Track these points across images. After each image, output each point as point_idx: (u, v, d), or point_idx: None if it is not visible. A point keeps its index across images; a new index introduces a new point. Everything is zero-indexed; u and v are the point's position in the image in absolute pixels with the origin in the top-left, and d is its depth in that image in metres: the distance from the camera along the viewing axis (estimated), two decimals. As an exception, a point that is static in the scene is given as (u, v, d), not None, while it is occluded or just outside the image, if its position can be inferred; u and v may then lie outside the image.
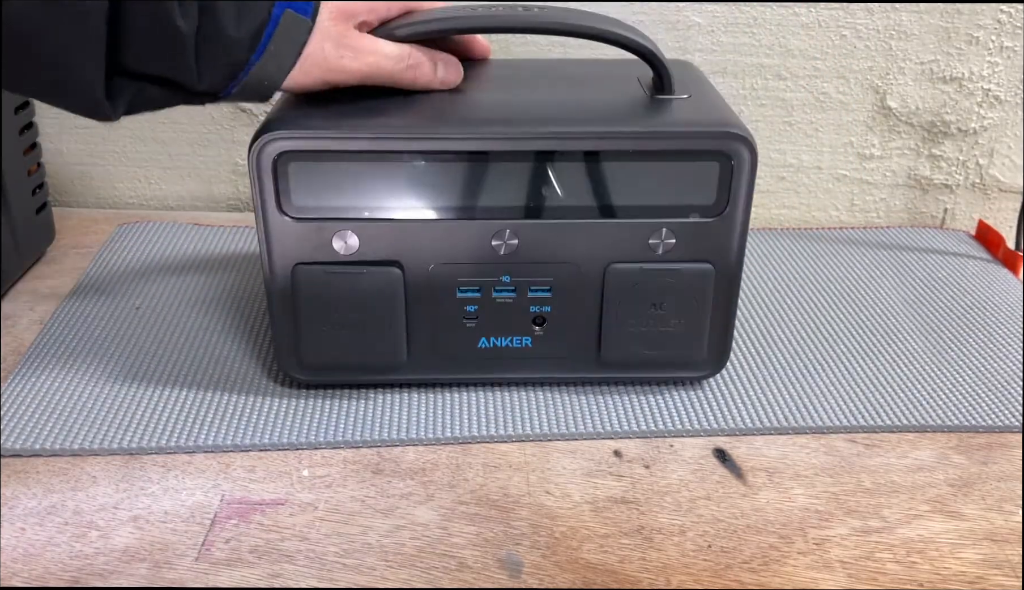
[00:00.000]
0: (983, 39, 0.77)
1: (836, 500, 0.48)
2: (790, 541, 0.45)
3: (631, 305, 0.52)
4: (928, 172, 0.83)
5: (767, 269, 0.72)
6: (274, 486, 0.48)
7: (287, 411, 0.54)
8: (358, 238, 0.50)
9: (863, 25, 0.77)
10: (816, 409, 0.55)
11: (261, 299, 0.66)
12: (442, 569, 0.43)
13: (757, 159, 0.50)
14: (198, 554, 0.44)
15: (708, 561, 0.44)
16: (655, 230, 0.51)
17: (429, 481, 0.49)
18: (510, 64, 0.62)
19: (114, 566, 0.43)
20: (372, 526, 0.46)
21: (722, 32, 0.77)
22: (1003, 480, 0.50)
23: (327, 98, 0.50)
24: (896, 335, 0.63)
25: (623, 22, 0.52)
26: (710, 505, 0.47)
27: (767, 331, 0.63)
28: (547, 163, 0.49)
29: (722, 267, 0.52)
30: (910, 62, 0.78)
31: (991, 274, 0.72)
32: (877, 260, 0.74)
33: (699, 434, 0.53)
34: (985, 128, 0.80)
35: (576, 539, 0.45)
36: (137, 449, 0.50)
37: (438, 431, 0.52)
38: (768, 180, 0.83)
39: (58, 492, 0.47)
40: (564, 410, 0.54)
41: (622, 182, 0.50)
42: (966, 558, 0.44)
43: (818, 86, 0.79)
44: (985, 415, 0.54)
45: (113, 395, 0.55)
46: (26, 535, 0.45)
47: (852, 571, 0.43)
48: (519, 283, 0.52)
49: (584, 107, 0.52)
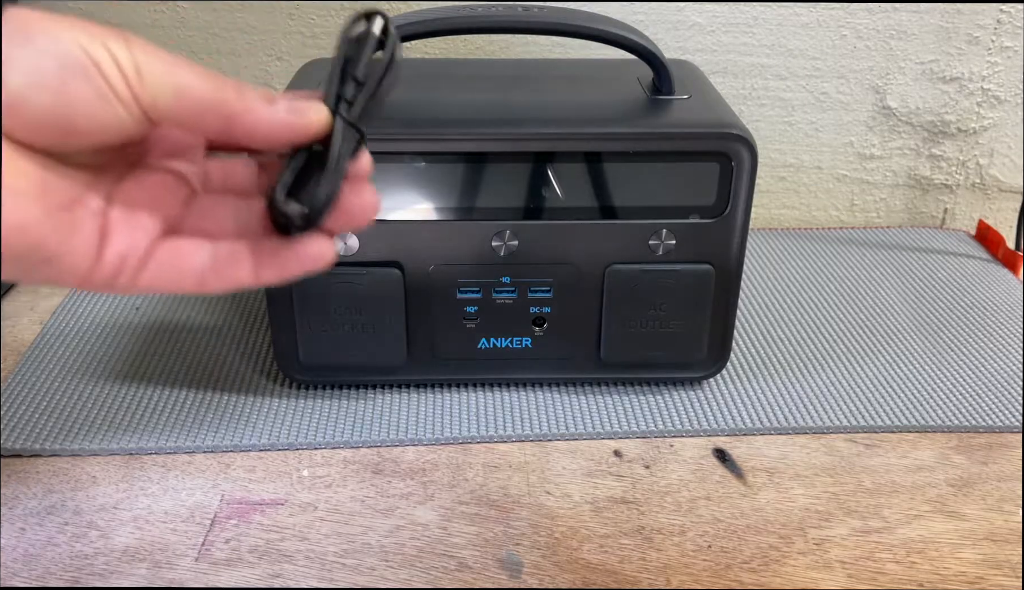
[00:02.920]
0: (983, 39, 0.77)
1: (836, 500, 0.48)
2: (790, 541, 0.45)
3: (631, 306, 0.52)
4: (928, 172, 0.82)
5: (767, 269, 0.72)
6: (274, 486, 0.48)
7: (287, 411, 0.54)
8: (358, 239, 0.50)
9: (863, 25, 0.77)
10: (816, 409, 0.55)
11: (261, 299, 0.66)
12: (442, 569, 0.43)
13: (757, 159, 0.50)
14: (198, 554, 0.44)
15: (708, 561, 0.44)
16: (655, 231, 0.51)
17: (429, 481, 0.49)
18: (510, 64, 0.62)
19: (114, 566, 0.43)
20: (372, 526, 0.46)
21: (722, 32, 0.77)
22: (1003, 480, 0.50)
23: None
24: (896, 335, 0.63)
25: (623, 22, 0.52)
26: (710, 505, 0.47)
27: (767, 331, 0.63)
28: (547, 164, 0.49)
29: (722, 267, 0.52)
30: (910, 62, 0.78)
31: (991, 274, 0.72)
32: (877, 260, 0.74)
33: (699, 434, 0.53)
34: (985, 128, 0.80)
35: (576, 539, 0.45)
36: (137, 449, 0.50)
37: (438, 431, 0.52)
38: (768, 180, 0.83)
39: (58, 492, 0.47)
40: (564, 410, 0.54)
41: (622, 183, 0.50)
42: (966, 558, 0.44)
43: (818, 86, 0.79)
44: (985, 415, 0.54)
45: (113, 395, 0.55)
46: (26, 535, 0.45)
47: (852, 571, 0.43)
48: (519, 284, 0.52)
49: (584, 107, 0.52)
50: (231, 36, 0.76)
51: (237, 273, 0.32)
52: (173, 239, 0.32)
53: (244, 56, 0.77)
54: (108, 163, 0.32)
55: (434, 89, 0.54)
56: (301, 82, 0.56)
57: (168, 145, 0.34)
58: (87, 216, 0.31)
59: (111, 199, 0.32)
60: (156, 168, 0.33)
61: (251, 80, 0.78)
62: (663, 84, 0.53)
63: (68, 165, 0.31)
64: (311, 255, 0.32)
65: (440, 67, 0.60)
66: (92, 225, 0.31)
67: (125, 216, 0.32)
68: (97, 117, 0.29)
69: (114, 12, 0.75)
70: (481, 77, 0.57)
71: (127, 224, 0.32)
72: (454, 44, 0.77)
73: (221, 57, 0.77)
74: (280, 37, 0.76)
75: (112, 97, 0.29)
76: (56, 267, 0.30)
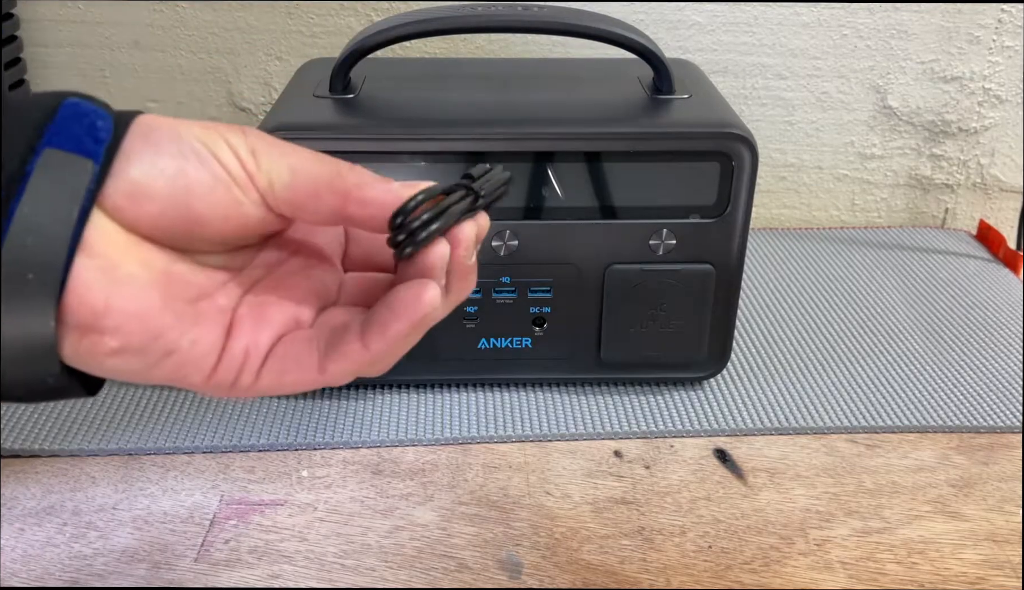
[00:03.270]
0: (984, 38, 0.77)
1: (837, 501, 0.48)
2: (791, 542, 0.45)
3: (631, 306, 0.52)
4: (929, 172, 0.82)
5: (768, 269, 0.72)
6: (273, 487, 0.48)
7: (286, 411, 0.54)
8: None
9: (864, 24, 0.76)
10: (817, 409, 0.55)
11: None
12: (442, 570, 0.43)
13: (758, 159, 0.49)
14: (197, 555, 0.44)
15: (709, 562, 0.44)
16: (655, 231, 0.51)
17: (429, 482, 0.49)
18: (510, 64, 0.62)
19: (113, 567, 0.43)
20: (371, 527, 0.45)
21: (723, 31, 0.77)
22: (1004, 481, 0.49)
23: (326, 98, 0.50)
24: (897, 335, 0.63)
25: (623, 22, 0.52)
26: (710, 506, 0.47)
27: (768, 331, 0.63)
28: (547, 163, 0.49)
29: (722, 268, 0.52)
30: (911, 61, 0.78)
31: (992, 274, 0.72)
32: (878, 260, 0.74)
33: (700, 434, 0.53)
34: (986, 127, 0.80)
35: (576, 540, 0.45)
36: (136, 449, 0.50)
37: (438, 431, 0.52)
38: (769, 180, 0.83)
39: (57, 492, 0.47)
40: (564, 410, 0.54)
41: (622, 182, 0.50)
42: (967, 559, 0.44)
43: (819, 85, 0.79)
44: (986, 415, 0.54)
45: (113, 395, 0.55)
46: (25, 535, 0.45)
47: (853, 572, 0.43)
48: (519, 284, 0.52)
49: (584, 107, 0.52)
50: (230, 35, 0.76)
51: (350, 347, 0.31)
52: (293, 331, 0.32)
53: (243, 55, 0.77)
54: (244, 265, 0.33)
55: (434, 89, 0.54)
56: (300, 82, 0.55)
57: (307, 253, 0.35)
58: (213, 311, 0.31)
59: (242, 298, 0.33)
60: (293, 273, 0.34)
61: (250, 80, 0.78)
62: (663, 84, 0.53)
63: (201, 264, 0.32)
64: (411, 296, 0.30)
65: (440, 66, 0.60)
66: (217, 320, 0.31)
67: (253, 314, 0.32)
68: (215, 202, 0.30)
69: (114, 12, 0.75)
70: (481, 76, 0.57)
71: (254, 321, 0.32)
72: (454, 43, 0.77)
73: (220, 57, 0.77)
74: (279, 36, 0.76)
75: (229, 180, 0.30)
76: (178, 360, 0.30)
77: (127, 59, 0.77)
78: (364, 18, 0.76)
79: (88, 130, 0.28)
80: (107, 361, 0.29)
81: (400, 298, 0.30)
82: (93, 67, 0.78)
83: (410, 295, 0.30)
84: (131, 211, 0.29)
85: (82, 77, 0.78)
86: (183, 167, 0.29)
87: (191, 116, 0.81)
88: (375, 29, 0.51)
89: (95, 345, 0.28)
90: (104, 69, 0.78)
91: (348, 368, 0.31)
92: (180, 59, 0.77)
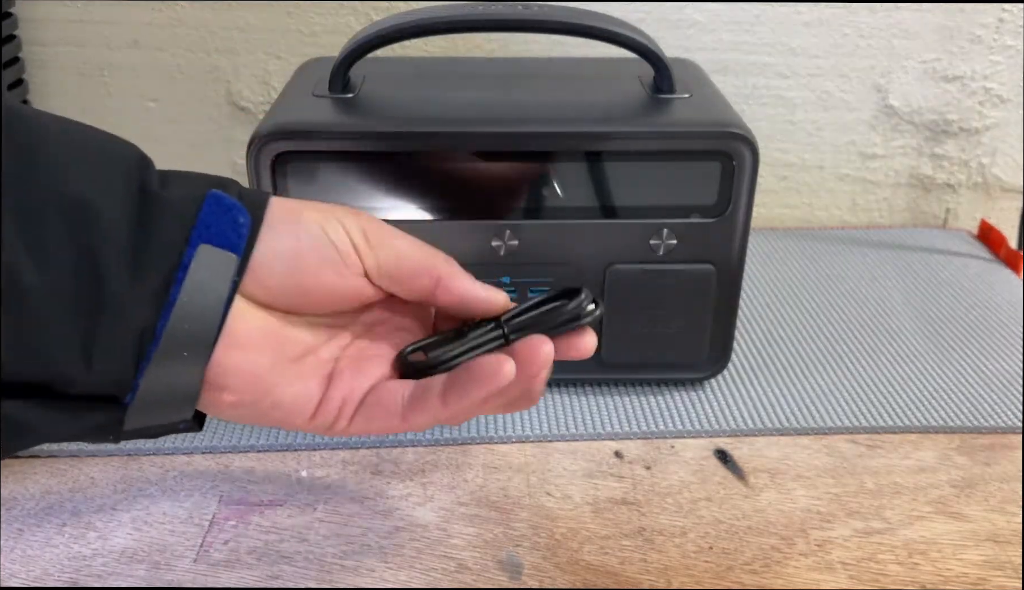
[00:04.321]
0: (985, 38, 0.77)
1: (838, 501, 0.48)
2: (792, 542, 0.45)
3: (632, 306, 0.52)
4: (930, 171, 0.82)
5: (769, 269, 0.72)
6: (272, 487, 0.48)
7: (286, 411, 0.53)
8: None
9: (865, 23, 0.76)
10: (818, 410, 0.55)
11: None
12: (442, 571, 0.43)
13: (759, 159, 0.49)
14: (196, 555, 0.44)
15: (709, 562, 0.44)
16: (656, 230, 0.51)
17: (428, 482, 0.49)
18: (510, 63, 0.62)
19: (112, 567, 0.43)
20: (371, 527, 0.45)
21: (723, 30, 0.77)
22: (1005, 481, 0.49)
23: (326, 98, 0.50)
24: (898, 335, 0.63)
25: (624, 21, 0.52)
26: (711, 506, 0.47)
27: (768, 332, 0.63)
28: (547, 163, 0.49)
29: (723, 268, 0.52)
30: (912, 61, 0.78)
31: (993, 274, 0.72)
32: (879, 260, 0.74)
33: (700, 435, 0.53)
34: (987, 127, 0.80)
35: (576, 540, 0.45)
36: (136, 450, 0.50)
37: (437, 432, 0.52)
38: (770, 180, 0.83)
39: (56, 493, 0.47)
40: (564, 410, 0.54)
41: (623, 182, 0.50)
42: (968, 559, 0.44)
43: (820, 85, 0.79)
44: (987, 416, 0.54)
45: (112, 395, 0.55)
46: (24, 536, 0.44)
47: (854, 572, 0.43)
48: (519, 284, 0.52)
49: (584, 106, 0.52)
50: (229, 34, 0.76)
51: (430, 402, 0.35)
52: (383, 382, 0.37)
53: (242, 54, 0.77)
54: (347, 324, 0.38)
55: (434, 88, 0.54)
56: (300, 81, 0.55)
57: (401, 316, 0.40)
58: (316, 365, 0.37)
59: (343, 351, 0.38)
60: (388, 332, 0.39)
61: (249, 79, 0.78)
62: (664, 83, 0.53)
63: (310, 324, 0.37)
64: (493, 366, 0.34)
65: (440, 65, 0.60)
66: (319, 373, 0.37)
67: (352, 367, 0.37)
68: (324, 278, 0.35)
69: (113, 11, 0.75)
70: (481, 76, 0.57)
71: (352, 373, 0.37)
72: (454, 42, 0.76)
73: (220, 56, 0.77)
74: (278, 35, 0.76)
75: (338, 259, 0.35)
76: (284, 411, 0.36)
77: (126, 58, 0.77)
78: (364, 17, 0.76)
79: (232, 225, 0.32)
80: (225, 411, 0.35)
81: (482, 367, 0.34)
82: (92, 66, 0.77)
83: (492, 366, 0.34)
84: (251, 286, 0.34)
85: (81, 76, 0.78)
86: (298, 248, 0.34)
87: (190, 115, 0.81)
88: (375, 28, 0.51)
89: (217, 398, 0.34)
90: (103, 68, 0.78)
91: (426, 421, 0.36)
92: (179, 58, 0.77)
